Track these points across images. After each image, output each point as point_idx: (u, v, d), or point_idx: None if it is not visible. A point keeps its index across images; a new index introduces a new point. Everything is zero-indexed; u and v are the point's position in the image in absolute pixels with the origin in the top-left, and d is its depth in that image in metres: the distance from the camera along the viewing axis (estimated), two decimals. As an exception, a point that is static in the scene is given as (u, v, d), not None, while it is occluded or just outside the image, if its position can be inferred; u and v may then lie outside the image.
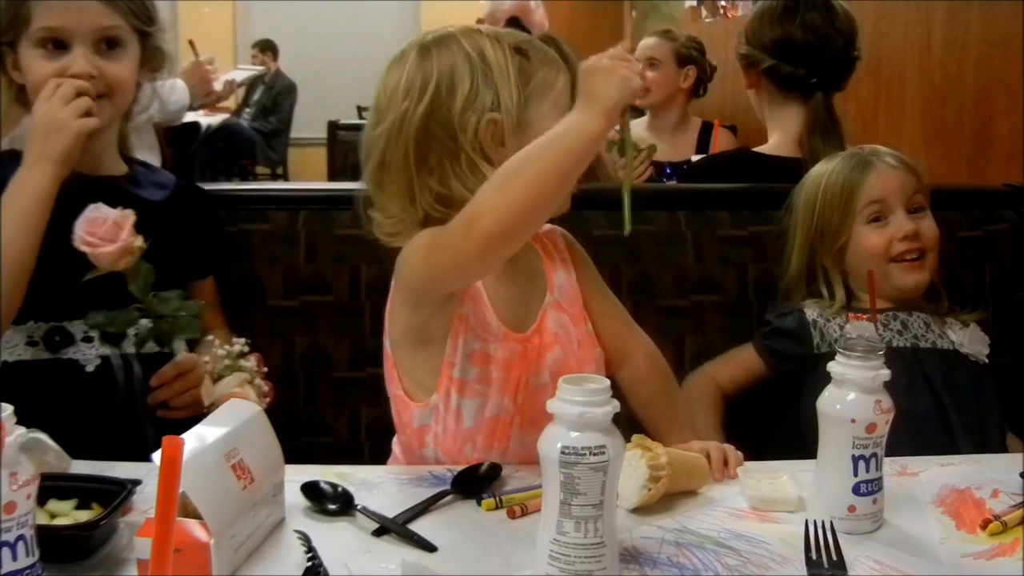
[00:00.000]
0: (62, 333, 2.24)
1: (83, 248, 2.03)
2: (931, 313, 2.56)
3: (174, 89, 4.23)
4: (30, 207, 2.14)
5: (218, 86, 4.46)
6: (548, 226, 2.16)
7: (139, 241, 2.07)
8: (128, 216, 2.06)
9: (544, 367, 2.02)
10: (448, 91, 1.92)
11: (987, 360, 2.54)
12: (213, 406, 2.03)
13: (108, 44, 2.29)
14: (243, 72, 5.09)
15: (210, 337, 2.25)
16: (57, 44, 2.25)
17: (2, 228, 2.11)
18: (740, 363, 2.64)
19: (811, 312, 2.57)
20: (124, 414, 2.27)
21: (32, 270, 2.14)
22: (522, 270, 2.07)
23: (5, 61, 2.29)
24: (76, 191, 2.20)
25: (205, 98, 4.45)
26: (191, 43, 4.71)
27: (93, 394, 2.26)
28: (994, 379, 2.53)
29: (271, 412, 1.76)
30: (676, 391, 2.26)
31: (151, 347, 2.28)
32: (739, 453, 2.02)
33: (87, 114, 2.19)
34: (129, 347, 2.28)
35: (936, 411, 2.41)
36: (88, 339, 2.26)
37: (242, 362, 2.16)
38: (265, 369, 2.19)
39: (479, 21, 4.74)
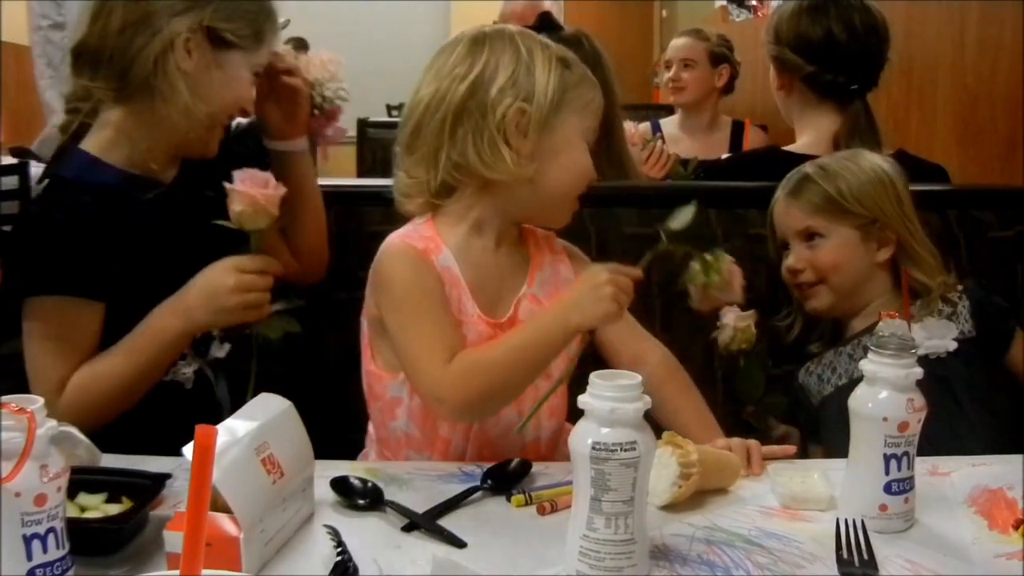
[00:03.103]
0: None
1: (237, 187, 2.08)
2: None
3: None
4: (157, 355, 2.16)
5: None
6: (559, 240, 2.28)
7: (276, 212, 2.13)
8: (280, 189, 2.13)
9: None
10: (491, 74, 2.04)
11: (952, 348, 2.44)
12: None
13: None
14: None
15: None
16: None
17: (128, 363, 2.13)
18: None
19: (801, 376, 2.59)
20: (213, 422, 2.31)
21: (136, 401, 2.16)
22: (503, 262, 2.15)
23: (180, 36, 2.16)
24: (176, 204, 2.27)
25: None
26: None
27: (194, 410, 2.27)
28: (967, 366, 2.46)
29: (300, 409, 1.75)
30: (694, 391, 2.25)
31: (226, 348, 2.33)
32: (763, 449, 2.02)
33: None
34: (216, 352, 2.31)
35: None
36: (182, 356, 2.26)
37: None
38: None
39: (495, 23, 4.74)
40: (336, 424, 2.67)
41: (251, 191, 2.08)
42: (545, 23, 3.61)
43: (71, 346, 2.12)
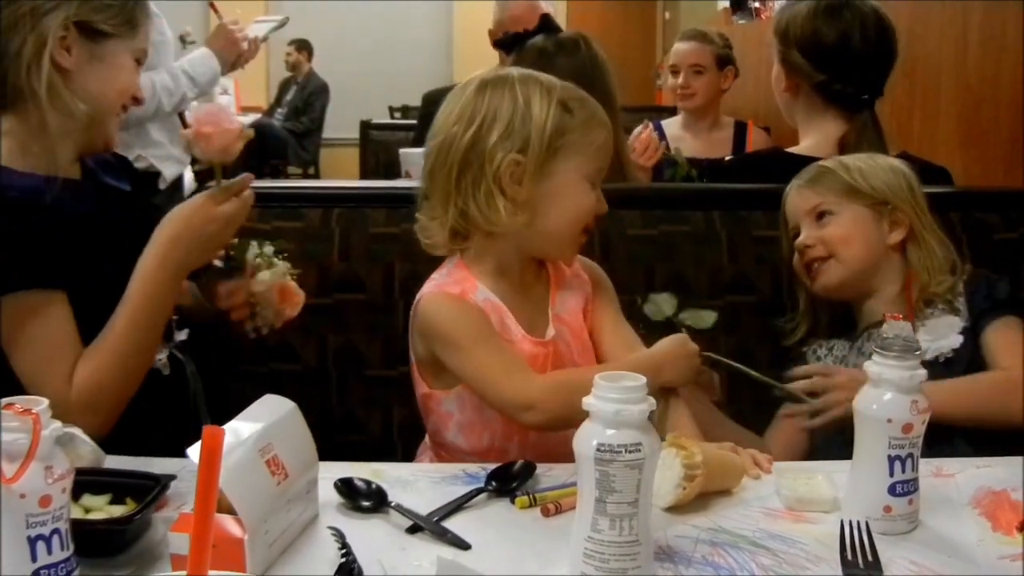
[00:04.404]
0: None
1: (205, 129, 2.12)
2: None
3: (202, 61, 4.23)
4: (158, 311, 2.16)
5: (243, 46, 4.44)
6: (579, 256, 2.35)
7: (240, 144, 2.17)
8: (237, 122, 2.18)
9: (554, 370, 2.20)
10: (488, 126, 2.11)
11: (958, 345, 2.41)
12: (259, 297, 2.25)
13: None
14: (263, 26, 4.97)
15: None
16: (137, 62, 2.29)
17: (128, 333, 2.12)
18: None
19: (808, 355, 2.60)
20: (190, 405, 2.39)
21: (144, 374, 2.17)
22: (527, 285, 2.27)
23: (48, 37, 2.13)
24: (101, 201, 2.28)
25: (235, 62, 4.43)
26: (212, 5, 4.64)
27: (170, 394, 2.34)
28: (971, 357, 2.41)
29: (304, 409, 1.75)
30: (682, 405, 2.26)
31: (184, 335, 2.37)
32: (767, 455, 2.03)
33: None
34: (178, 336, 2.35)
35: None
36: None
37: (276, 261, 2.30)
38: (297, 272, 2.34)
39: (491, 32, 4.74)
40: (338, 426, 2.69)
41: (209, 130, 2.12)
42: (544, 25, 3.61)
43: (58, 342, 2.09)
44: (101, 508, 1.67)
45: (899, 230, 2.50)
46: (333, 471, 1.83)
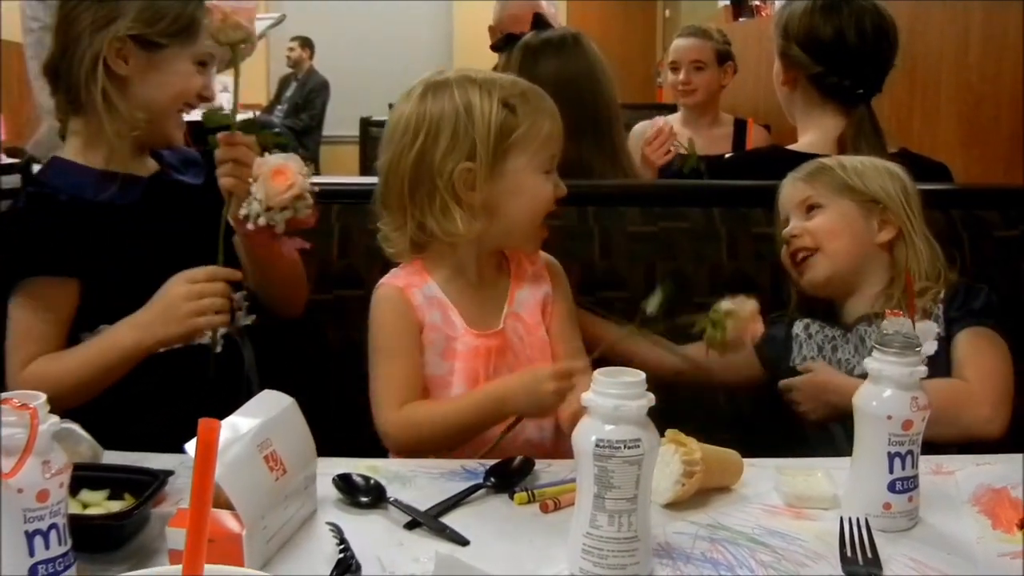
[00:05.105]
0: None
1: (211, 4, 2.19)
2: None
3: None
4: (113, 364, 2.22)
5: None
6: (542, 253, 2.40)
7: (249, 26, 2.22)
8: (253, 3, 2.24)
9: (503, 364, 2.25)
10: (433, 138, 2.16)
11: (932, 351, 2.34)
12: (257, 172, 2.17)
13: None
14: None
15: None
16: (201, 64, 2.39)
17: (82, 368, 2.21)
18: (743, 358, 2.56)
19: (797, 326, 2.58)
20: (245, 390, 2.40)
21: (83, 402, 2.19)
22: (486, 282, 2.31)
23: (102, 50, 2.26)
24: (154, 195, 2.39)
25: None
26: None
27: (221, 373, 2.36)
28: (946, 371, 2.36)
29: (303, 405, 1.75)
30: None
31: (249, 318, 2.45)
32: None
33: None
34: (242, 320, 2.42)
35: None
36: None
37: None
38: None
39: (491, 28, 4.72)
40: (336, 422, 2.68)
41: (223, 6, 2.17)
42: (536, 24, 3.60)
43: (34, 331, 2.24)
44: (99, 503, 1.67)
45: (888, 228, 2.48)
46: (331, 467, 1.84)
